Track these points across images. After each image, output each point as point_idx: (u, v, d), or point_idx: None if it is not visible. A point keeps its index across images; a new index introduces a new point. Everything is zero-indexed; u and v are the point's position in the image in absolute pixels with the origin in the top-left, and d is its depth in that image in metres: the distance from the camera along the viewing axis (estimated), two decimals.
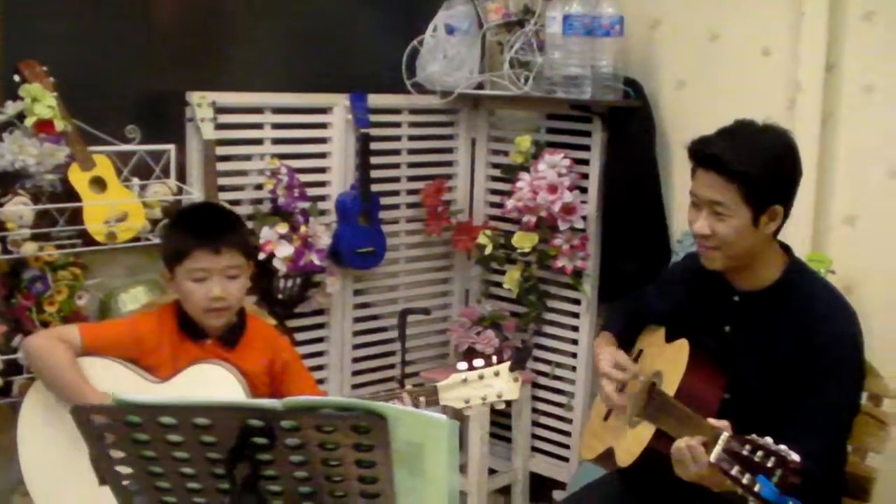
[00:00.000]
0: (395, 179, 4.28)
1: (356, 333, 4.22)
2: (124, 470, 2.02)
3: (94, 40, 3.58)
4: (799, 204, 3.43)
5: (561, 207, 3.91)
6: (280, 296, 3.88)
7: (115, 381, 2.66)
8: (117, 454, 2.00)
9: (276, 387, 2.82)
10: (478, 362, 2.71)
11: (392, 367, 4.25)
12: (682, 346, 2.67)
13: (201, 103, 3.62)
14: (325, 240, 3.87)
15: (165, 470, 2.01)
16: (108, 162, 3.44)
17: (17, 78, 3.30)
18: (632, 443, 2.67)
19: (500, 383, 2.69)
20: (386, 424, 1.84)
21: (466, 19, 4.15)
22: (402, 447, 1.88)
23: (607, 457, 2.80)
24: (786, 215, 2.56)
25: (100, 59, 3.59)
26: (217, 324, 2.73)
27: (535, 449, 4.33)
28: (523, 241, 4.05)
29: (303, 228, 3.76)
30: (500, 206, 4.20)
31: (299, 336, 4.04)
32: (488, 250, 4.17)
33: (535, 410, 4.30)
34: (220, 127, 3.70)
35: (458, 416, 2.73)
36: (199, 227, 2.73)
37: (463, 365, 2.71)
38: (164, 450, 1.96)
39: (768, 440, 2.15)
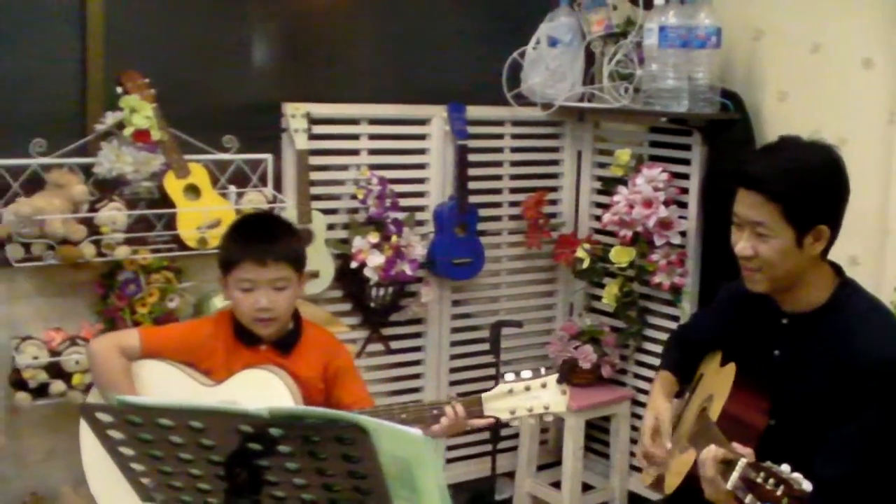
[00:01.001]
0: (497, 191, 4.28)
1: (454, 343, 4.25)
2: (138, 467, 2.10)
3: (194, 52, 3.73)
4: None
5: (657, 222, 3.84)
6: (372, 304, 3.93)
7: (167, 384, 2.75)
8: (129, 452, 2.07)
9: (328, 391, 2.86)
10: (525, 373, 2.69)
11: (492, 377, 4.24)
12: (730, 370, 2.59)
13: (295, 114, 3.71)
14: (418, 250, 3.91)
15: (175, 470, 2.07)
16: (203, 170, 3.55)
17: (119, 89, 3.45)
18: (677, 469, 2.61)
19: (547, 395, 2.66)
20: (368, 437, 1.85)
21: (569, 31, 4.13)
22: (390, 461, 1.89)
23: (659, 483, 2.74)
24: (833, 235, 2.45)
25: (200, 70, 3.75)
26: (265, 332, 2.78)
27: (634, 468, 4.25)
28: (620, 256, 3.99)
29: (394, 238, 3.81)
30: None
31: (395, 344, 4.10)
32: (586, 264, 4.12)
33: (634, 428, 4.22)
34: (315, 137, 3.80)
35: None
36: (247, 239, 2.78)
37: (510, 376, 2.69)
38: (169, 450, 2.02)
39: (784, 468, 2.07)
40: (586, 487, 4.28)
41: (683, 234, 3.91)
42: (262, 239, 2.76)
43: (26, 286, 3.44)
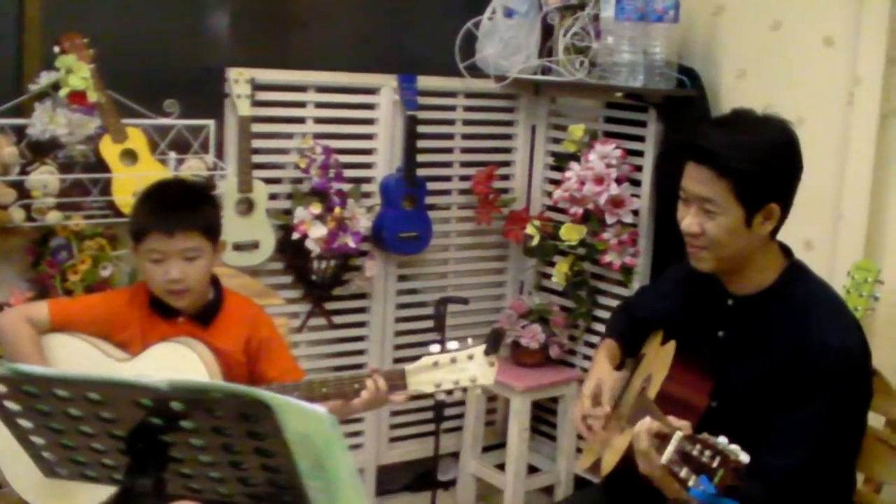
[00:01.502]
0: (447, 164, 4.19)
1: (399, 320, 4.15)
2: (38, 440, 2.00)
3: (137, 13, 3.60)
4: (852, 207, 3.28)
5: (608, 200, 3.75)
6: (314, 277, 3.83)
7: (77, 358, 2.63)
8: (27, 424, 1.97)
9: (252, 366, 2.76)
10: (451, 345, 2.61)
11: None
12: (669, 349, 2.51)
13: (238, 79, 3.60)
14: (363, 222, 3.81)
15: (77, 444, 1.97)
16: (142, 135, 3.43)
17: (56, 49, 3.32)
18: (614, 450, 2.53)
19: (474, 367, 2.59)
20: (271, 413, 1.76)
21: (525, 2, 4.02)
22: (295, 437, 1.80)
23: (596, 466, 2.66)
24: (784, 214, 2.36)
25: (142, 31, 3.61)
26: (179, 304, 2.67)
27: (580, 450, 4.17)
28: (570, 234, 3.90)
29: (337, 210, 3.70)
30: None
31: (338, 319, 4.00)
32: (535, 241, 4.03)
33: None
34: (260, 104, 3.69)
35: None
36: (155, 208, 2.66)
37: (435, 347, 2.61)
38: (69, 423, 1.93)
39: (721, 439, 1.99)
40: (532, 469, 4.20)
41: (636, 212, 3.83)
42: (169, 208, 2.65)
43: None
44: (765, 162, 2.30)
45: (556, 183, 4.05)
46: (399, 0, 4.12)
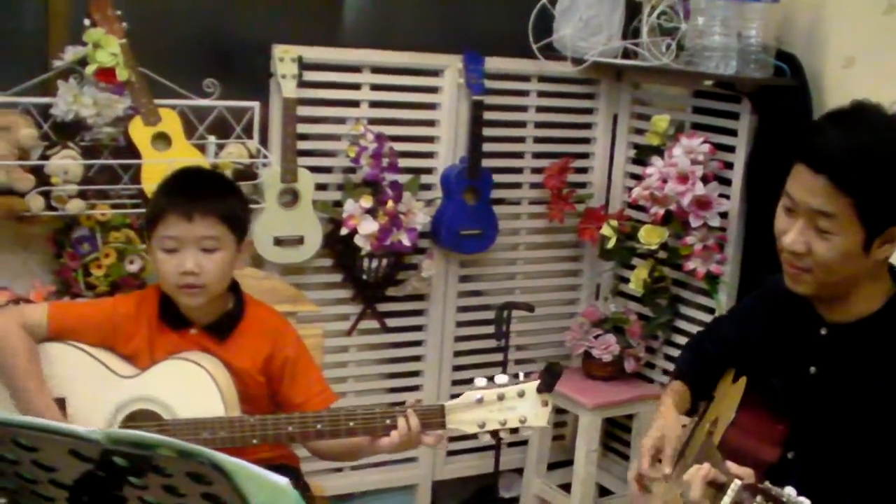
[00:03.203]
0: (518, 155, 3.82)
1: (460, 324, 3.82)
2: None
3: None
4: None
5: (692, 200, 3.35)
6: (364, 276, 3.51)
7: (78, 372, 2.36)
8: None
9: (275, 388, 2.45)
10: (500, 378, 2.26)
11: (499, 364, 3.78)
12: (739, 388, 2.15)
13: (284, 57, 3.30)
14: (420, 217, 3.47)
15: (19, 488, 1.68)
16: (176, 117, 3.16)
17: (86, 21, 3.06)
18: (673, 498, 2.16)
19: (524, 406, 2.25)
20: (227, 478, 1.43)
21: None
22: None
23: None
24: None
25: (181, 5, 3.34)
26: (191, 303, 2.37)
27: None
28: (650, 236, 3.51)
29: (390, 204, 3.37)
30: None
31: (392, 322, 3.69)
32: (611, 243, 3.64)
33: None
34: (310, 85, 3.40)
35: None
36: (173, 191, 2.38)
37: (481, 381, 2.26)
38: (5, 466, 1.63)
39: (789, 490, 1.64)
40: (604, 492, 3.85)
41: (724, 215, 3.42)
42: (189, 191, 2.36)
43: None
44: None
45: (638, 178, 3.65)
46: None
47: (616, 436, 3.97)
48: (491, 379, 2.27)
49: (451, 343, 3.80)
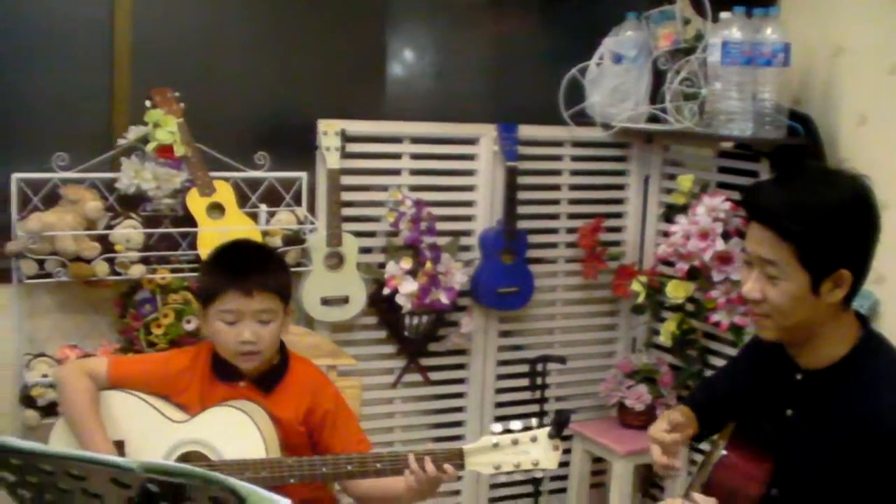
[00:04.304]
0: (554, 216, 4.02)
1: (500, 377, 4.00)
2: None
3: (226, 67, 3.63)
4: None
5: (714, 256, 3.51)
6: (407, 333, 3.73)
7: (134, 418, 2.59)
8: (26, 494, 1.93)
9: (315, 438, 2.66)
10: (514, 425, 2.45)
11: (537, 415, 3.97)
12: (726, 431, 2.28)
13: (328, 131, 3.55)
14: (458, 277, 3.68)
15: None
16: (229, 188, 3.43)
17: (147, 103, 3.35)
18: None
19: (537, 450, 2.43)
20: (241, 501, 1.65)
21: (635, 47, 3.83)
22: None
23: None
24: (858, 280, 2.12)
25: (233, 85, 3.64)
26: (247, 367, 2.59)
27: None
28: (677, 291, 3.68)
29: (429, 265, 3.59)
30: None
31: (435, 376, 3.89)
32: (641, 298, 3.82)
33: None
34: (354, 156, 3.63)
35: None
36: (232, 268, 2.59)
37: (497, 427, 2.45)
38: (60, 496, 1.87)
39: None
40: None
41: None
42: (247, 268, 2.57)
43: (46, 301, 3.39)
44: (831, 224, 2.07)
45: (667, 236, 3.83)
46: (500, 48, 4.00)
47: (652, 481, 4.10)
48: (507, 426, 2.46)
49: (492, 394, 3.98)
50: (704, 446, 2.58)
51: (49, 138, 3.39)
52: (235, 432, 2.52)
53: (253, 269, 2.58)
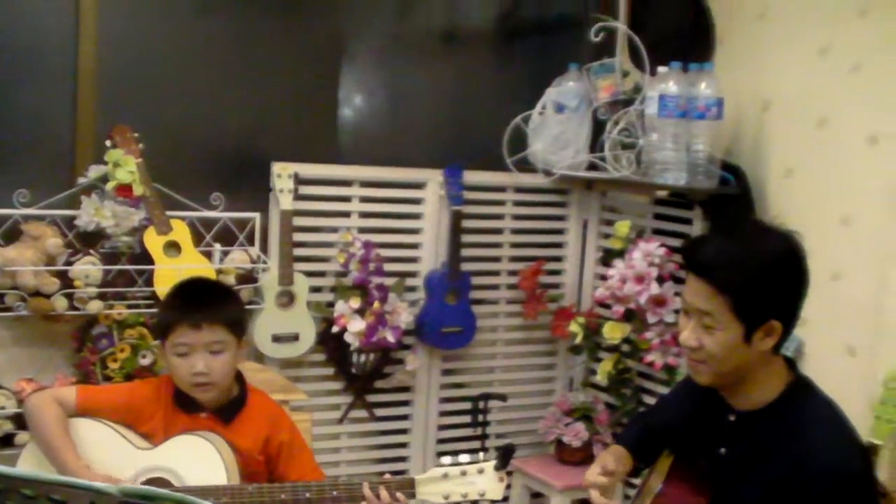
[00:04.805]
0: (496, 259, 4.19)
1: (443, 413, 4.14)
2: None
3: (185, 109, 3.73)
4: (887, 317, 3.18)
5: (649, 299, 3.70)
6: (354, 370, 3.85)
7: (101, 444, 2.68)
8: None
9: (272, 466, 2.78)
10: (463, 457, 2.59)
11: (479, 451, 4.10)
12: (666, 463, 2.44)
13: (282, 174, 3.67)
14: (404, 317, 3.83)
15: None
16: (185, 227, 3.52)
17: (108, 143, 3.45)
18: None
19: (483, 481, 2.56)
20: None
21: (576, 97, 4.03)
22: None
23: None
24: (787, 329, 2.28)
25: (191, 127, 3.75)
26: (203, 398, 2.71)
27: None
28: (613, 332, 3.86)
29: (377, 304, 3.73)
30: None
31: (380, 412, 4.01)
32: (579, 339, 3.99)
33: None
34: (305, 198, 3.77)
35: None
36: (182, 302, 2.73)
37: (446, 459, 2.59)
38: None
39: None
40: None
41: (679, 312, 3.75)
42: (197, 302, 2.71)
43: (3, 335, 3.46)
44: (764, 278, 2.22)
45: (605, 279, 4.01)
46: (449, 95, 4.17)
47: None
48: (455, 457, 2.59)
49: (435, 431, 4.12)
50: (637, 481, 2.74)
51: (11, 174, 3.46)
52: (198, 460, 2.63)
53: (202, 303, 2.71)
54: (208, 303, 2.71)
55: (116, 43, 3.58)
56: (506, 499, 4.10)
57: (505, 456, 2.56)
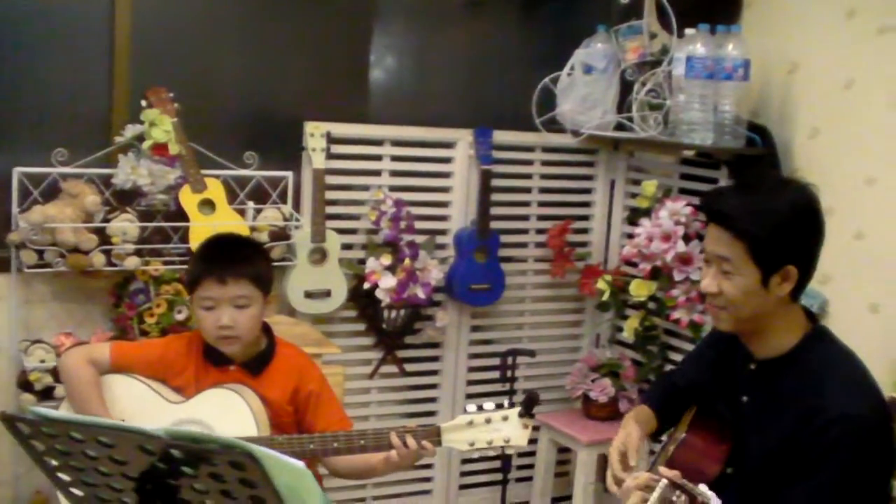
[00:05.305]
0: (524, 217, 4.24)
1: (471, 369, 4.22)
2: (64, 477, 2.13)
3: (219, 69, 3.81)
4: None
5: (675, 257, 3.74)
6: (385, 325, 3.93)
7: (135, 399, 2.78)
8: (53, 462, 2.10)
9: (301, 416, 2.86)
10: (487, 405, 2.65)
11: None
12: (689, 413, 2.50)
13: (314, 133, 3.73)
14: (434, 273, 3.89)
15: (97, 482, 2.09)
16: (220, 185, 3.60)
17: (143, 103, 3.52)
18: None
19: (508, 428, 2.60)
20: (259, 464, 1.85)
21: (604, 58, 4.07)
22: (285, 489, 1.88)
23: None
24: (805, 276, 2.34)
25: (225, 87, 3.82)
26: (229, 350, 2.79)
27: None
28: (639, 289, 3.91)
29: (407, 261, 3.80)
30: None
31: (410, 367, 4.09)
32: (606, 296, 4.05)
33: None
34: (338, 157, 3.82)
35: None
36: (209, 257, 2.80)
37: (472, 407, 2.64)
38: (87, 463, 2.05)
39: (702, 488, 1.98)
40: None
41: None
42: (222, 257, 2.78)
43: (43, 291, 3.55)
44: (780, 225, 2.29)
45: (632, 238, 4.06)
46: (478, 56, 4.22)
47: None
48: (480, 405, 2.66)
49: (464, 386, 4.20)
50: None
51: (50, 134, 3.54)
52: (229, 412, 2.71)
53: (228, 258, 2.78)
54: (234, 258, 2.78)
55: (152, 5, 3.65)
56: (532, 453, 4.19)
57: (529, 403, 2.60)
